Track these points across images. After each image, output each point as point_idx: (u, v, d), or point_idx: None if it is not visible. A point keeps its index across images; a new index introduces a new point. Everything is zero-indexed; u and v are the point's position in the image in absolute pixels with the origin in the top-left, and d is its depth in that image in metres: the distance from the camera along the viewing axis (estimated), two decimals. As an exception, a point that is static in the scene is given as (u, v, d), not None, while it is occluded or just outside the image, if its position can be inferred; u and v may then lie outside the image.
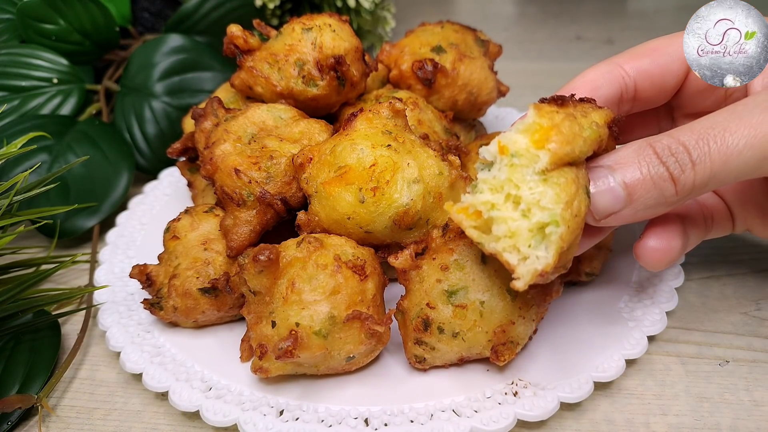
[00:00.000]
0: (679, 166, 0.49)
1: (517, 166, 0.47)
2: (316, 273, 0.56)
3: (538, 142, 0.46)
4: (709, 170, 0.49)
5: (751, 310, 0.69)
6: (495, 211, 0.48)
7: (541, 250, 0.46)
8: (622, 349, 0.60)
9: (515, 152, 0.47)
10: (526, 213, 0.46)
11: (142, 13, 1.18)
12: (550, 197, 0.46)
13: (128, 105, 0.95)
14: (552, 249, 0.46)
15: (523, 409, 0.55)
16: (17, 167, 0.84)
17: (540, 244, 0.46)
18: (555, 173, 0.46)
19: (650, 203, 0.50)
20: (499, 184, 0.48)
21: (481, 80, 0.78)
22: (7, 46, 0.95)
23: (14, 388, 0.61)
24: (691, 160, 0.48)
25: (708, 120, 0.50)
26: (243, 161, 0.64)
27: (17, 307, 0.67)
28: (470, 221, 0.49)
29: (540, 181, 0.46)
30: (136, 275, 0.66)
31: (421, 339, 0.57)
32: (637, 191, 0.49)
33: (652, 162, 0.49)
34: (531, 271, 0.46)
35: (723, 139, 0.48)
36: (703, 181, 0.49)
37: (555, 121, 0.47)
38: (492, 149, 0.49)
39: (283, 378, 0.60)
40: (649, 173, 0.49)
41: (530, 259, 0.46)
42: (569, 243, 0.47)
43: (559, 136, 0.46)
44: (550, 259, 0.45)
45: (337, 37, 0.70)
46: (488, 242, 0.48)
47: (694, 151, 0.48)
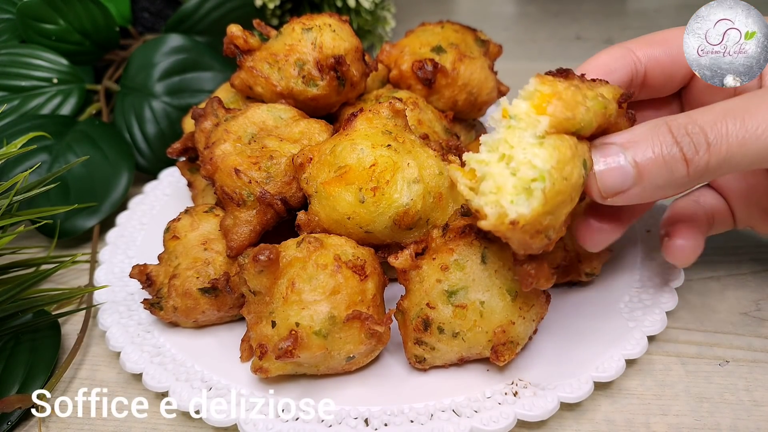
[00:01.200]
0: (693, 147, 0.47)
1: (514, 128, 0.47)
2: (316, 273, 0.56)
3: (538, 107, 0.47)
4: (724, 153, 0.47)
5: (751, 310, 0.69)
6: (486, 167, 0.48)
7: (522, 206, 0.45)
8: (622, 349, 0.60)
9: (514, 115, 0.48)
10: (515, 171, 0.46)
11: (142, 13, 1.18)
12: (542, 157, 0.45)
13: (128, 105, 0.95)
14: (532, 205, 0.45)
15: (523, 409, 0.55)
16: (17, 167, 0.84)
17: (524, 202, 0.45)
18: (553, 137, 0.46)
19: (660, 183, 0.49)
20: (495, 144, 0.48)
21: (481, 80, 0.78)
22: (7, 46, 0.95)
23: (14, 388, 0.61)
24: (706, 141, 0.47)
25: (728, 102, 0.49)
26: (243, 161, 0.64)
27: (17, 307, 0.67)
28: (465, 179, 0.49)
29: (536, 144, 0.46)
30: (136, 275, 0.66)
31: (421, 339, 0.57)
32: (647, 170, 0.48)
33: (666, 141, 0.48)
34: (498, 215, 0.46)
35: (743, 122, 0.47)
36: (716, 164, 0.48)
37: (557, 88, 0.47)
38: (496, 115, 0.50)
39: (283, 378, 0.60)
40: (661, 153, 0.48)
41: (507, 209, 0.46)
42: (554, 204, 0.46)
43: (560, 102, 0.46)
44: (527, 212, 0.45)
45: (337, 37, 0.70)
46: (474, 199, 0.48)
47: (711, 132, 0.47)
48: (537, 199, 0.45)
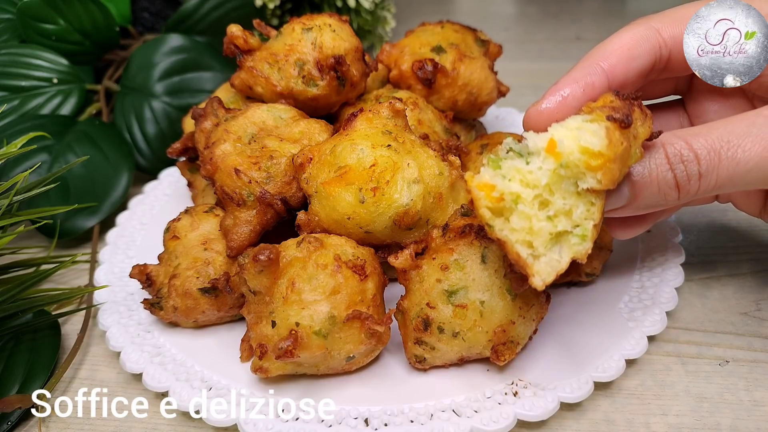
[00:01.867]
0: (686, 175, 0.49)
1: (561, 177, 0.46)
2: (316, 273, 0.56)
3: (594, 168, 0.45)
4: (714, 183, 0.49)
5: (751, 310, 0.69)
6: (521, 205, 0.47)
7: (556, 253, 0.47)
8: (622, 349, 0.60)
9: (565, 164, 0.46)
10: (551, 218, 0.47)
11: (142, 13, 1.18)
12: (581, 212, 0.46)
13: (128, 105, 0.95)
14: (567, 255, 0.47)
15: (523, 409, 0.55)
16: (17, 167, 0.84)
17: (555, 246, 0.47)
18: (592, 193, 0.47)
19: (651, 204, 0.51)
20: (534, 183, 0.47)
21: (481, 80, 0.78)
22: (7, 46, 0.95)
23: (14, 388, 0.61)
24: (699, 171, 0.49)
25: (725, 128, 0.49)
26: (243, 161, 0.64)
27: (17, 307, 0.67)
28: (487, 201, 0.48)
29: (574, 194, 0.46)
30: (136, 275, 0.66)
31: (421, 339, 0.57)
32: (641, 193, 0.50)
33: (661, 167, 0.49)
34: (554, 270, 0.47)
35: (734, 155, 0.48)
36: (706, 192, 0.50)
37: (617, 153, 0.45)
38: (540, 143, 0.46)
39: (283, 378, 0.60)
40: (657, 178, 0.49)
41: (546, 258, 0.47)
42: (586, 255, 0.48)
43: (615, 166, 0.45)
44: (564, 264, 0.46)
45: (337, 37, 0.70)
46: (499, 227, 0.47)
47: (704, 162, 0.48)
48: (575, 252, 0.47)
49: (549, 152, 0.46)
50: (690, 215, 0.83)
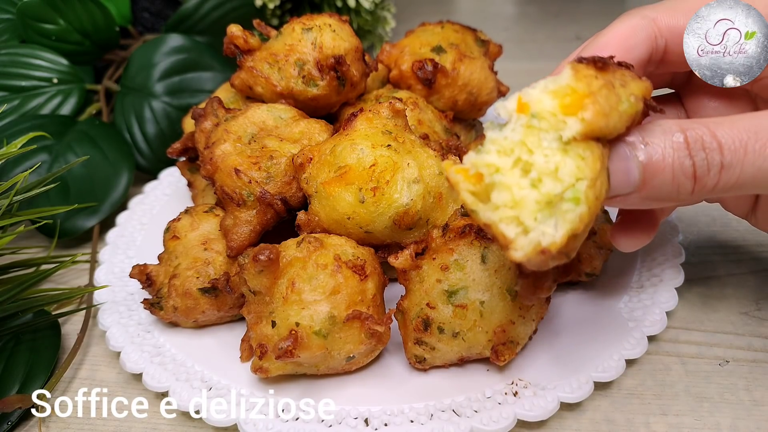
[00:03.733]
0: (706, 165, 0.43)
1: (535, 129, 0.41)
2: (316, 273, 0.56)
3: (568, 107, 0.40)
4: (735, 178, 0.43)
5: (751, 310, 0.69)
6: (498, 175, 0.41)
7: (549, 227, 0.39)
8: (622, 349, 0.60)
9: (537, 113, 0.40)
10: (535, 183, 0.40)
11: (142, 13, 1.18)
12: (569, 169, 0.39)
13: (128, 105, 0.95)
14: (563, 228, 0.39)
15: (523, 409, 0.55)
16: (17, 167, 0.84)
17: (548, 219, 0.39)
18: (579, 145, 0.40)
19: (661, 195, 0.45)
20: (510, 147, 0.41)
21: (481, 80, 0.78)
22: (7, 46, 0.95)
23: (14, 388, 0.61)
24: (721, 161, 0.43)
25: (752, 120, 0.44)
26: (243, 161, 0.64)
27: (17, 307, 0.67)
28: (468, 184, 0.42)
29: (559, 150, 0.40)
30: (136, 275, 0.66)
31: (421, 339, 0.57)
32: (653, 179, 0.44)
33: (679, 152, 0.43)
34: (532, 244, 0.39)
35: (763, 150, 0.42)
36: (724, 188, 0.44)
37: (593, 87, 0.40)
38: (509, 105, 0.42)
39: (283, 378, 0.60)
40: (672, 164, 0.43)
41: (534, 232, 0.39)
42: (585, 227, 0.40)
43: (596, 106, 0.39)
44: (558, 238, 0.39)
45: (337, 37, 0.70)
46: (483, 211, 0.41)
47: (728, 153, 0.43)
48: (569, 223, 0.39)
49: (520, 111, 0.41)
50: (690, 215, 0.83)
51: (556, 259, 0.41)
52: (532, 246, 0.39)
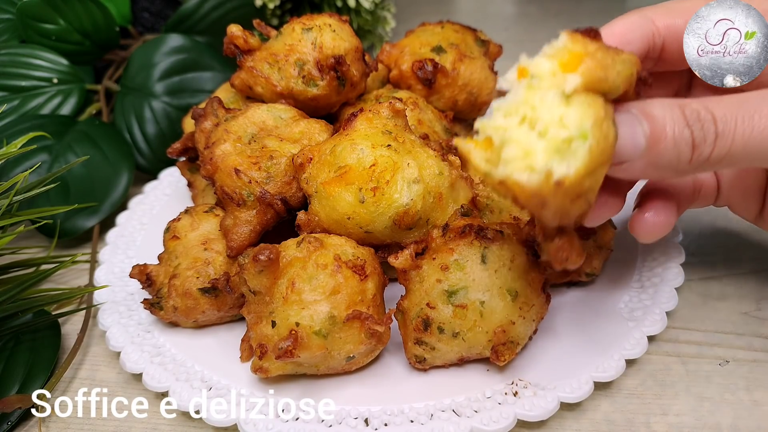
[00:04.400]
0: (702, 134, 0.47)
1: (535, 88, 0.42)
2: (316, 273, 0.56)
3: (566, 65, 0.42)
4: (727, 148, 0.47)
5: (751, 310, 0.69)
6: (508, 131, 0.42)
7: (563, 166, 0.40)
8: (622, 349, 0.60)
9: (536, 74, 0.43)
10: (543, 133, 0.41)
11: (142, 13, 1.18)
12: (574, 116, 0.41)
13: (128, 105, 0.95)
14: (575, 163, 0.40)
15: (523, 409, 0.55)
16: (17, 167, 0.84)
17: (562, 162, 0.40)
18: (581, 96, 0.41)
19: (663, 163, 0.48)
20: (515, 107, 0.42)
21: (481, 80, 0.78)
22: (7, 46, 0.95)
23: (14, 388, 0.61)
24: (715, 131, 0.47)
25: (741, 96, 0.48)
26: (243, 161, 0.64)
27: (17, 307, 0.67)
28: (480, 150, 0.43)
29: (562, 103, 0.41)
30: (136, 275, 0.66)
31: (421, 339, 0.57)
32: (657, 145, 0.47)
33: (679, 122, 0.47)
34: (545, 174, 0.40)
35: (750, 120, 0.47)
36: (718, 158, 0.48)
37: (588, 48, 0.43)
38: (510, 76, 0.44)
39: (283, 378, 0.60)
40: (673, 132, 0.47)
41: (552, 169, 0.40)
42: (597, 164, 0.41)
43: (594, 60, 0.42)
44: (572, 171, 0.40)
45: (337, 37, 0.70)
46: (495, 170, 0.42)
47: (721, 123, 0.47)
48: (580, 157, 0.40)
49: (521, 76, 0.44)
50: (690, 215, 0.83)
51: (575, 203, 0.43)
52: (545, 177, 0.40)
